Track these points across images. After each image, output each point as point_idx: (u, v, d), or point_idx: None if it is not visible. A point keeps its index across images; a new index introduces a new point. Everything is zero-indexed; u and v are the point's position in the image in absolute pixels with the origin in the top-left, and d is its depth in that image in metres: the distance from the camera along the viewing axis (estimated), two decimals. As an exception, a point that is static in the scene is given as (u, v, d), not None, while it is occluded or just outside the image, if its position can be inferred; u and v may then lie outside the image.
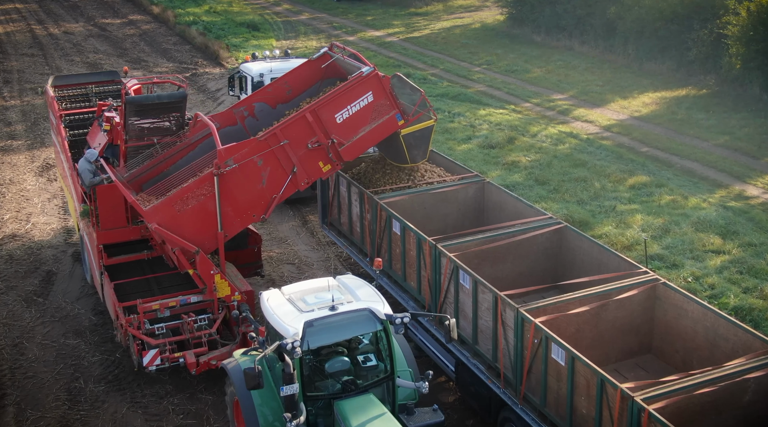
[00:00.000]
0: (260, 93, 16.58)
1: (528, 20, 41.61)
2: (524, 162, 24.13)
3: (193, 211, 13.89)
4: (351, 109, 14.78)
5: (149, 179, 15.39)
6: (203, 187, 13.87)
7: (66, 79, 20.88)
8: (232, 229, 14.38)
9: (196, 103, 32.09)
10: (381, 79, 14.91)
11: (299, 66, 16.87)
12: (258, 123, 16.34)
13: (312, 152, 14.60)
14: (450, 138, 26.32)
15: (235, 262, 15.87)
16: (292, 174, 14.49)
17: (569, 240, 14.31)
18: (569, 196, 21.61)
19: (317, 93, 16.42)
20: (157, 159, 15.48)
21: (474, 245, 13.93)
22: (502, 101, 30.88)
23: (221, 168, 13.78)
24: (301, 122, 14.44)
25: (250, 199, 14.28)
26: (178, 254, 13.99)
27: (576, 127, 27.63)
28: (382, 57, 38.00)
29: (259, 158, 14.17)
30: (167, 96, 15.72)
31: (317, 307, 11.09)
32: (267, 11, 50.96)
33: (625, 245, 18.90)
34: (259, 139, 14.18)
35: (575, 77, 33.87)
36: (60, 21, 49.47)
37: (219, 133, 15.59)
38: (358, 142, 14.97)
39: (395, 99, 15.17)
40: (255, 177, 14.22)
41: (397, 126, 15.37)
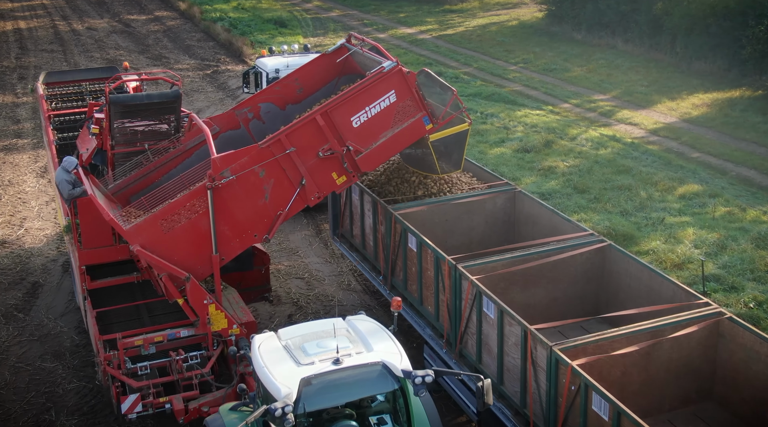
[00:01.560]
0: (267, 92, 14.58)
1: (568, 17, 39.37)
2: (562, 168, 22.01)
3: (182, 231, 11.81)
4: (370, 111, 12.63)
5: (138, 191, 13.44)
6: (195, 203, 11.78)
7: (58, 76, 19.04)
8: (229, 251, 12.24)
9: (214, 101, 30.44)
10: (405, 75, 12.71)
11: (312, 61, 14.79)
12: (264, 126, 14.31)
13: (324, 162, 12.43)
14: (482, 141, 24.27)
15: (238, 286, 13.97)
16: (300, 187, 12.33)
17: (614, 262, 12.23)
18: (612, 207, 19.47)
19: (333, 92, 14.32)
20: (147, 168, 13.52)
21: (501, 266, 11.92)
22: (539, 102, 28.75)
23: (216, 180, 11.70)
24: (310, 127, 12.31)
25: (251, 217, 12.17)
26: (166, 281, 11.90)
27: (619, 130, 25.43)
28: (413, 55, 36.04)
29: (261, 169, 12.05)
30: (158, 96, 13.73)
31: (318, 358, 9.03)
32: (297, 8, 49.25)
33: (675, 263, 16.73)
34: (261, 146, 12.04)
35: (618, 77, 31.62)
36: (85, 17, 48.19)
37: (220, 138, 13.89)
38: (379, 149, 12.76)
39: (422, 99, 12.94)
40: (256, 191, 12.12)
41: (425, 131, 13.07)
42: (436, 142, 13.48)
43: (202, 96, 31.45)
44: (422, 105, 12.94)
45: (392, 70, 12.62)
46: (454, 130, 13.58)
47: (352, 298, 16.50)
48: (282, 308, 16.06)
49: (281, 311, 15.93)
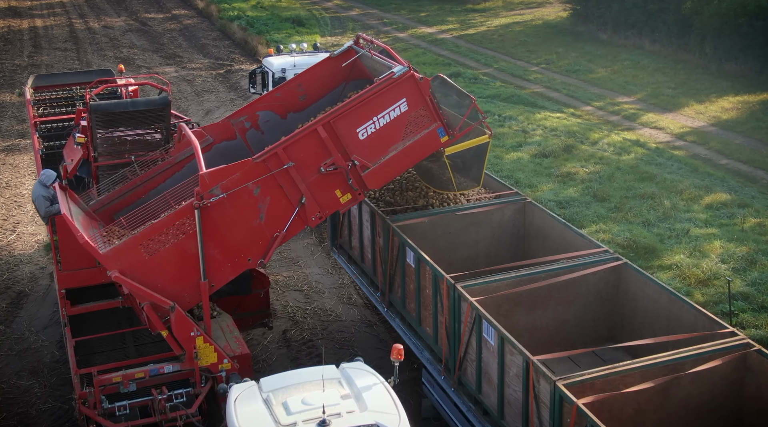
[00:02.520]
0: (266, 99, 13.33)
1: (593, 16, 38.07)
2: (582, 174, 20.84)
3: (167, 255, 10.66)
4: (378, 121, 11.38)
5: (123, 207, 12.32)
6: (181, 224, 10.63)
7: (49, 79, 17.78)
8: (220, 277, 11.03)
9: (225, 102, 29.58)
10: (418, 82, 11.44)
11: (317, 65, 13.46)
12: (263, 137, 13.08)
13: (326, 178, 11.22)
14: (498, 145, 23.14)
15: (234, 311, 12.92)
16: (300, 206, 11.13)
17: (630, 282, 11.11)
18: (633, 217, 18.29)
19: (340, 99, 13.15)
20: (132, 182, 12.41)
21: (505, 286, 10.84)
22: (560, 104, 27.56)
23: (204, 199, 10.55)
24: (311, 139, 11.10)
25: (244, 239, 10.99)
26: (148, 311, 10.74)
27: (643, 135, 24.20)
28: (432, 55, 34.98)
29: (256, 186, 10.88)
30: (144, 103, 12.82)
31: (302, 418, 8.03)
32: (316, 7, 48.33)
33: (700, 279, 15.54)
34: (256, 160, 10.84)
35: (644, 78, 30.34)
36: (102, 15, 47.60)
37: (214, 149, 12.77)
38: (388, 164, 11.49)
39: (437, 108, 11.65)
40: (250, 210, 10.94)
41: (440, 144, 11.80)
42: (452, 156, 12.24)
43: (212, 96, 30.60)
44: (437, 115, 11.65)
45: (403, 76, 11.35)
46: (472, 142, 12.30)
47: (352, 313, 15.49)
48: (277, 322, 15.08)
49: (276, 326, 14.94)
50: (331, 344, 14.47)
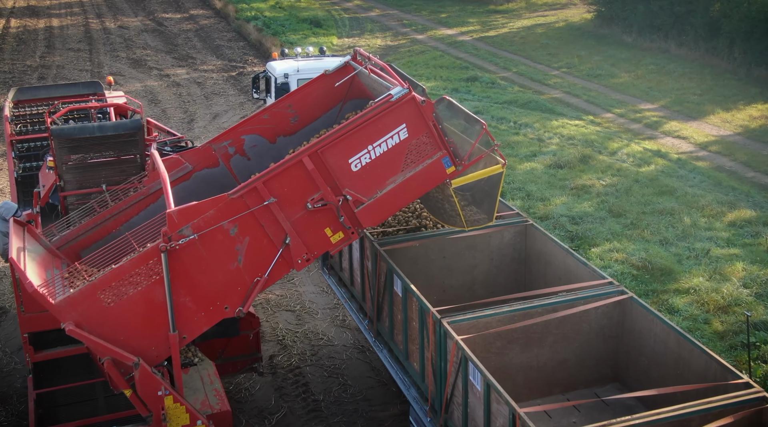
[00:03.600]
0: (252, 121, 11.87)
1: (618, 19, 36.88)
2: (597, 187, 19.76)
3: (130, 305, 9.48)
4: (374, 150, 10.02)
5: (91, 243, 11.02)
6: (145, 269, 9.46)
7: (32, 92, 16.37)
8: (192, 328, 9.79)
9: (234, 106, 28.77)
10: (420, 105, 10.04)
11: (310, 83, 12.05)
12: (249, 164, 11.81)
13: (314, 215, 9.92)
14: (511, 154, 22.11)
15: (220, 355, 11.88)
16: (284, 247, 9.84)
17: (635, 319, 10.08)
18: (650, 234, 17.19)
19: (336, 121, 11.91)
20: (101, 215, 11.10)
21: (497, 322, 9.86)
22: (579, 111, 26.44)
23: (173, 240, 9.36)
24: (295, 171, 9.78)
25: (219, 285, 9.75)
26: (108, 368, 9.53)
27: (665, 144, 23.03)
28: (449, 57, 33.96)
29: (233, 225, 9.63)
30: (112, 127, 11.66)
31: None
32: (336, 7, 47.46)
33: (719, 306, 14.44)
34: (232, 196, 9.59)
35: (669, 84, 29.12)
36: (119, 15, 47.07)
37: (194, 178, 11.52)
38: (385, 199, 10.16)
39: (442, 135, 10.26)
40: (226, 252, 9.69)
41: (446, 175, 10.39)
42: (460, 188, 10.69)
43: (222, 99, 29.82)
44: (442, 142, 10.26)
45: (402, 98, 10.00)
46: (483, 173, 10.71)
47: (344, 337, 14.56)
48: (265, 346, 14.16)
49: (263, 350, 14.02)
50: (319, 372, 13.55)
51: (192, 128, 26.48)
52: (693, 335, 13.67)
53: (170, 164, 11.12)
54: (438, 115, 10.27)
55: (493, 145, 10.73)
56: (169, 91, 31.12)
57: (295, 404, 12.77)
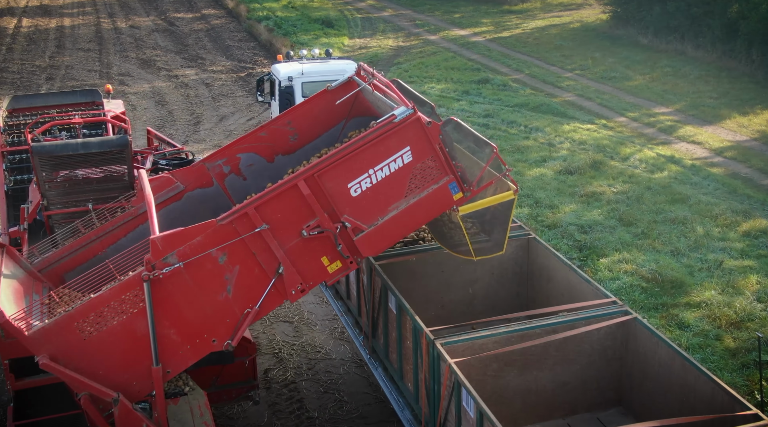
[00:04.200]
0: (248, 139, 11.22)
1: (634, 19, 36.23)
2: (608, 194, 19.22)
3: (110, 337, 8.89)
4: (375, 174, 9.39)
5: (75, 266, 10.39)
6: (127, 299, 8.88)
7: (28, 101, 15.72)
8: (177, 362, 9.19)
9: (241, 107, 28.41)
10: (425, 127, 9.43)
11: (311, 99, 11.41)
12: (245, 183, 11.22)
13: (310, 243, 9.31)
14: (520, 159, 21.61)
15: (214, 382, 11.32)
16: (277, 277, 9.24)
17: (640, 341, 9.59)
18: (661, 244, 16.66)
19: (339, 140, 11.39)
20: (86, 236, 10.44)
21: (493, 343, 9.40)
22: (592, 114, 25.88)
23: (156, 269, 8.80)
24: (290, 196, 9.19)
25: (207, 317, 9.14)
26: (85, 404, 8.95)
27: (679, 150, 22.46)
28: (461, 59, 33.45)
29: (221, 253, 9.04)
30: (97, 144, 11.15)
31: None
32: (348, 7, 47.04)
33: (732, 321, 13.92)
34: (221, 222, 9.01)
35: (684, 87, 28.50)
36: (131, 15, 46.85)
37: (185, 198, 10.92)
38: (387, 227, 9.50)
39: (449, 159, 9.65)
40: (214, 282, 9.10)
41: (452, 202, 9.76)
42: (468, 216, 10.05)
43: (229, 101, 29.47)
44: (448, 167, 9.67)
45: (406, 119, 9.38)
46: (493, 200, 10.03)
47: (342, 350, 14.14)
48: (260, 359, 13.77)
49: (259, 364, 13.62)
50: (314, 388, 13.14)
51: (198, 131, 26.15)
52: (704, 352, 13.19)
53: (160, 184, 10.59)
54: (445, 137, 9.61)
55: (505, 170, 10.07)
56: (176, 92, 30.81)
57: (288, 422, 12.36)
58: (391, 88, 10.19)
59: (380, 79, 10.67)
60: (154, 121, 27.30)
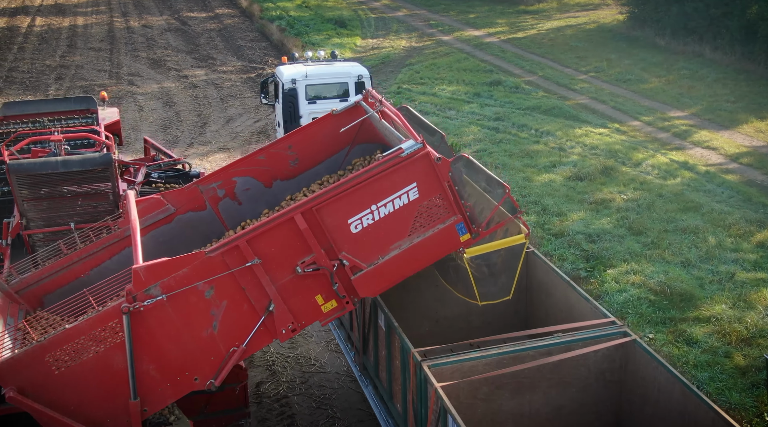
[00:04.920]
0: (246, 162, 10.73)
1: (651, 20, 35.58)
2: (618, 201, 18.69)
3: (84, 370, 8.44)
4: (378, 210, 8.91)
5: (55, 288, 9.90)
6: (105, 331, 8.40)
7: (20, 108, 15.14)
8: (156, 399, 8.73)
9: (249, 109, 28.06)
10: (434, 163, 8.96)
11: (314, 123, 10.90)
12: (240, 208, 10.75)
13: (304, 281, 8.85)
14: (529, 165, 21.11)
15: (203, 410, 10.82)
16: (267, 314, 8.77)
17: (639, 365, 9.11)
18: (671, 255, 16.12)
19: (342, 167, 10.96)
20: (68, 258, 9.93)
21: (483, 366, 8.95)
22: (605, 118, 25.31)
23: (138, 301, 8.36)
24: (285, 230, 8.73)
25: (190, 353, 8.70)
26: None
27: (693, 156, 21.87)
28: (474, 60, 32.95)
29: (209, 286, 8.60)
30: (78, 162, 10.72)
31: None
32: (363, 6, 46.64)
33: (742, 337, 13.38)
34: (210, 254, 8.56)
35: (701, 90, 27.86)
36: (144, 14, 46.69)
37: (176, 222, 10.44)
38: (388, 267, 9.03)
39: (458, 197, 9.17)
40: (199, 317, 8.66)
41: (459, 243, 9.30)
42: (476, 258, 9.53)
43: (237, 102, 29.14)
44: (457, 206, 9.19)
45: (415, 154, 8.88)
46: (503, 243, 9.61)
47: (337, 363, 13.72)
48: (252, 372, 13.40)
49: (251, 376, 13.26)
50: (307, 402, 12.73)
51: (204, 133, 25.82)
52: (712, 370, 12.68)
53: (149, 205, 10.16)
54: (455, 174, 9.16)
55: (517, 213, 9.64)
56: (185, 93, 30.52)
57: (277, 439, 11.98)
58: (399, 118, 9.68)
59: (388, 107, 10.14)
60: (160, 122, 27.03)
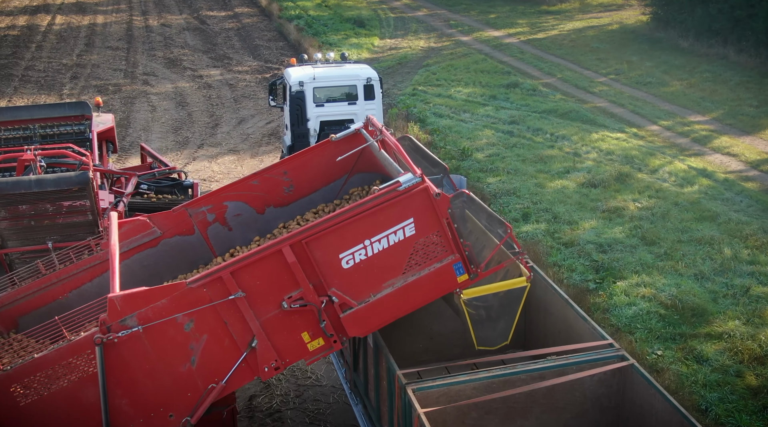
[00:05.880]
0: (239, 186, 10.30)
1: (675, 22, 34.85)
2: (632, 210, 18.15)
3: (52, 403, 8.02)
4: (371, 246, 8.45)
5: (31, 309, 9.52)
6: (76, 362, 8.02)
7: (11, 113, 14.76)
8: None
9: (261, 110, 27.76)
10: (433, 198, 8.51)
11: (311, 149, 10.48)
12: (230, 235, 10.32)
13: (290, 317, 8.43)
14: (542, 170, 20.60)
15: None
16: (249, 351, 8.38)
17: (637, 391, 8.64)
18: (684, 267, 15.56)
19: (338, 196, 10.58)
20: (47, 278, 9.55)
21: (472, 390, 8.52)
22: (623, 122, 24.72)
23: (112, 331, 7.95)
24: (272, 263, 8.30)
25: (166, 389, 8.28)
26: None
27: (713, 162, 21.25)
28: (492, 61, 32.43)
29: (188, 319, 8.17)
30: (53, 182, 10.42)
31: None
32: (383, 6, 46.19)
33: (755, 356, 12.83)
34: (192, 285, 8.16)
35: (724, 94, 27.17)
36: (164, 12, 46.55)
37: (162, 245, 10.01)
38: (379, 306, 8.58)
39: (456, 235, 8.72)
40: (177, 351, 8.26)
41: (456, 284, 8.86)
42: (473, 301, 9.08)
43: (251, 103, 28.85)
44: (455, 245, 8.73)
45: (413, 188, 8.43)
46: (502, 285, 9.19)
47: (334, 376, 13.33)
48: (246, 385, 13.01)
49: (244, 389, 12.94)
50: (300, 418, 12.37)
51: (215, 134, 25.56)
52: (722, 390, 12.16)
53: (134, 228, 9.76)
54: (454, 211, 8.70)
55: (518, 254, 9.19)
56: (199, 93, 30.28)
57: (267, 456, 11.63)
58: (398, 149, 9.24)
59: (388, 137, 9.69)
60: (172, 122, 26.80)
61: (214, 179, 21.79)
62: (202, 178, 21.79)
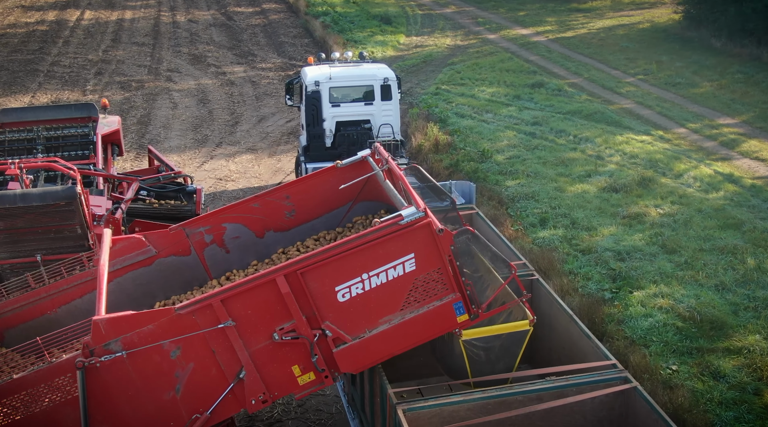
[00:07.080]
0: (238, 208, 10.01)
1: (707, 21, 34.08)
2: (653, 216, 17.63)
3: (31, 424, 7.80)
4: (370, 279, 8.15)
5: (19, 323, 9.32)
6: (56, 385, 7.79)
7: (17, 115, 14.52)
8: None
9: (282, 108, 27.53)
10: (436, 234, 8.17)
11: (315, 174, 10.14)
12: (227, 257, 10.06)
13: (280, 349, 8.14)
14: (563, 174, 20.13)
15: None
16: (236, 381, 8.09)
17: (640, 415, 8.22)
18: (705, 277, 15.04)
19: (341, 223, 10.27)
20: (35, 292, 9.32)
21: (465, 412, 8.17)
22: (649, 124, 24.13)
23: (95, 355, 7.67)
24: (265, 292, 8.02)
25: (148, 417, 8.01)
26: None
27: (740, 167, 20.63)
28: (518, 60, 31.93)
29: (175, 346, 7.92)
30: (38, 196, 10.16)
31: None
32: (410, 3, 45.79)
33: (775, 374, 12.31)
34: (180, 312, 7.87)
35: (755, 96, 26.46)
36: (192, 8, 46.54)
37: (156, 265, 9.75)
38: (374, 342, 8.29)
39: (458, 273, 8.38)
40: (162, 378, 7.98)
41: (455, 324, 8.53)
42: (473, 341, 8.86)
43: (272, 101, 28.64)
44: (457, 283, 8.40)
45: (415, 223, 8.11)
46: (504, 328, 8.94)
47: (333, 387, 12.97)
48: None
49: (246, 396, 12.67)
50: (301, 428, 12.11)
51: (234, 132, 25.37)
52: (738, 409, 11.69)
53: (129, 245, 9.49)
54: (457, 249, 8.36)
55: (522, 296, 8.89)
56: (221, 90, 30.14)
57: (264, 468, 11.36)
58: (403, 181, 8.90)
59: (393, 168, 9.39)
60: (192, 120, 26.67)
61: (230, 178, 21.59)
62: (218, 177, 21.59)
